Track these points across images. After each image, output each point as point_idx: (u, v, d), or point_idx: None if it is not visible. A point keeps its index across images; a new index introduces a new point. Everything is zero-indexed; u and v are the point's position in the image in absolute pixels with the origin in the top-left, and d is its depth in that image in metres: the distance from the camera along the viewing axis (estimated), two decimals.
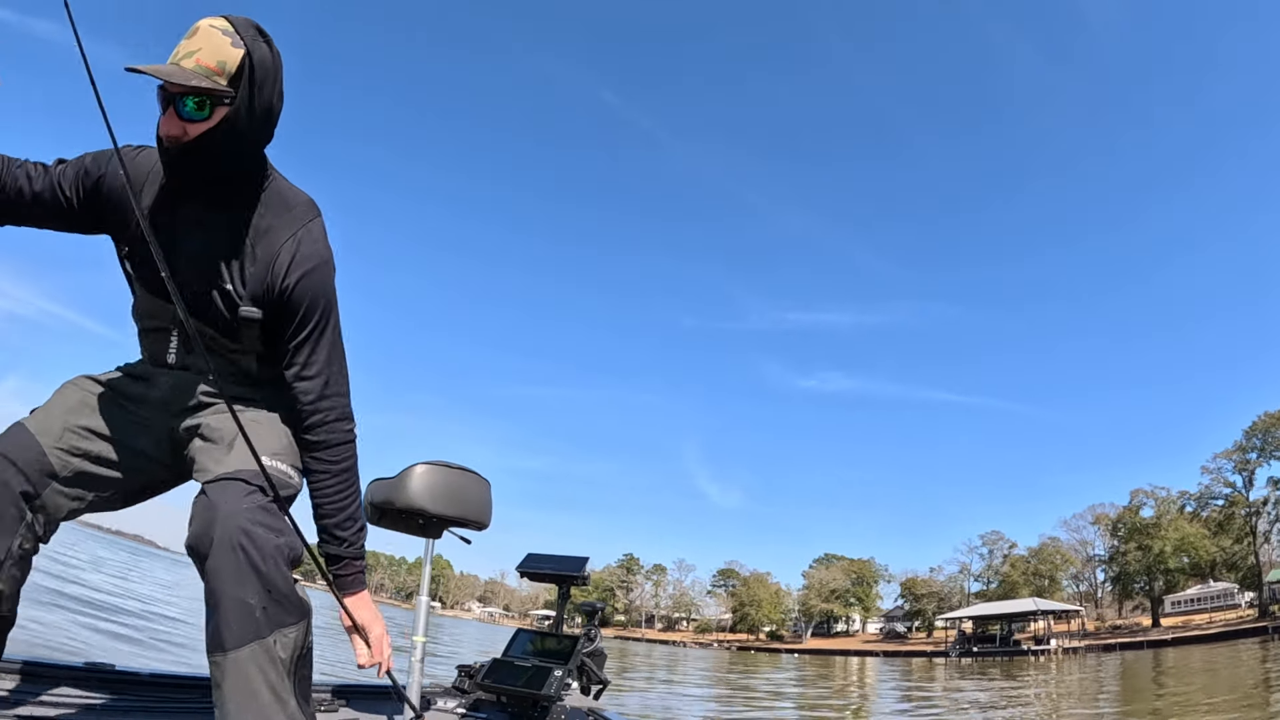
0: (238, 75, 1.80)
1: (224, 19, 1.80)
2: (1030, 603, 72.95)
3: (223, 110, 1.80)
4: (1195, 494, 79.72)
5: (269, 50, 1.86)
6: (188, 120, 1.78)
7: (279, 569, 1.79)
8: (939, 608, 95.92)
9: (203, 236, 1.96)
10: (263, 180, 2.00)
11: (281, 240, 1.98)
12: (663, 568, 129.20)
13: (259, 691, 1.75)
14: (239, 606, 1.75)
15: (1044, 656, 56.73)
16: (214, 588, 1.76)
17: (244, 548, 1.75)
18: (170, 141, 1.81)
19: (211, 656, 1.78)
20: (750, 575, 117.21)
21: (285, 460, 2.01)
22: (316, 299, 2.03)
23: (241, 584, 1.75)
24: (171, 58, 1.77)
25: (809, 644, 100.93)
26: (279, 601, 1.79)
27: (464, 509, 3.09)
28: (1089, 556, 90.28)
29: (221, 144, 1.83)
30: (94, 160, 1.98)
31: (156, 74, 1.70)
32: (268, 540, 1.78)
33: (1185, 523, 77.09)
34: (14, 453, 1.85)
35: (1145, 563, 77.23)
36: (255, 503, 1.82)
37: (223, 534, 1.76)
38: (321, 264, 2.04)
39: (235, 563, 1.75)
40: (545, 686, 3.46)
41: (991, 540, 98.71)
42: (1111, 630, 74.25)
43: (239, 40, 1.80)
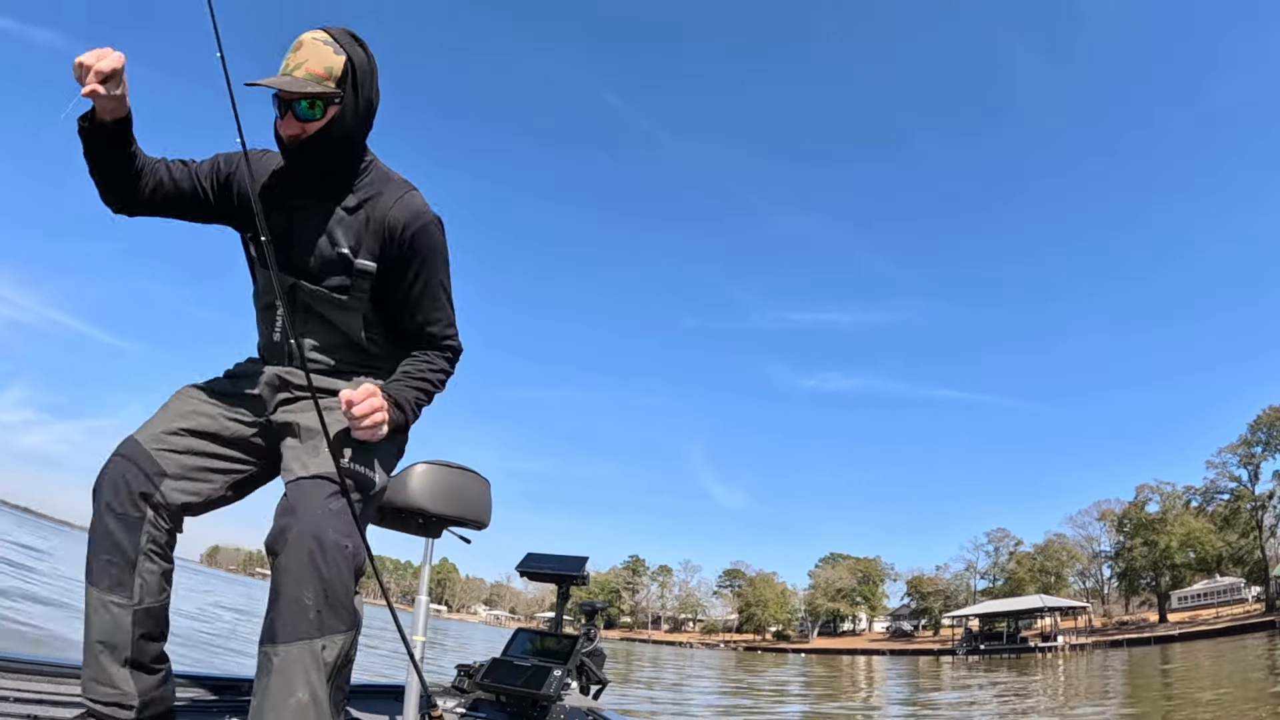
0: (342, 78, 2.11)
1: (323, 31, 2.10)
2: (1037, 600, 72.87)
3: (333, 109, 2.11)
4: (1201, 489, 79.60)
5: (365, 54, 2.17)
6: (304, 120, 2.09)
7: (340, 575, 1.94)
8: (945, 606, 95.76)
9: (317, 219, 2.25)
10: (366, 164, 2.29)
11: (390, 204, 2.25)
12: (668, 569, 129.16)
13: (298, 690, 1.87)
14: (296, 605, 1.90)
15: (1051, 653, 56.59)
16: (277, 583, 1.93)
17: (311, 551, 1.91)
18: (291, 140, 2.12)
19: (261, 647, 1.92)
20: (756, 575, 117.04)
21: (365, 463, 2.16)
22: (431, 252, 2.30)
23: (302, 584, 1.90)
24: (282, 70, 2.05)
25: (815, 643, 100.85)
26: (334, 607, 1.93)
27: (464, 508, 3.11)
28: (1095, 553, 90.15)
29: (334, 136, 2.14)
30: (225, 159, 2.31)
31: (275, 85, 2.00)
32: (335, 546, 1.93)
33: (1191, 518, 76.87)
34: (129, 452, 2.12)
35: (1151, 558, 77.08)
36: (331, 507, 1.98)
37: (295, 535, 1.93)
38: (432, 220, 2.29)
39: (300, 563, 1.91)
40: (545, 686, 3.48)
41: (997, 537, 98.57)
42: (1118, 626, 74.10)
43: (339, 48, 2.10)
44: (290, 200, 2.25)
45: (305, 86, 2.02)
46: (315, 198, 2.25)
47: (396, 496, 2.95)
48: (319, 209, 2.25)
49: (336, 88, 2.09)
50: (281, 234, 2.20)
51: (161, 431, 2.18)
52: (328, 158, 2.17)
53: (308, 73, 2.05)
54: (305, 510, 1.96)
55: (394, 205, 2.24)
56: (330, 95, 2.08)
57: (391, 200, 2.25)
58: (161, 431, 2.18)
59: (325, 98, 2.08)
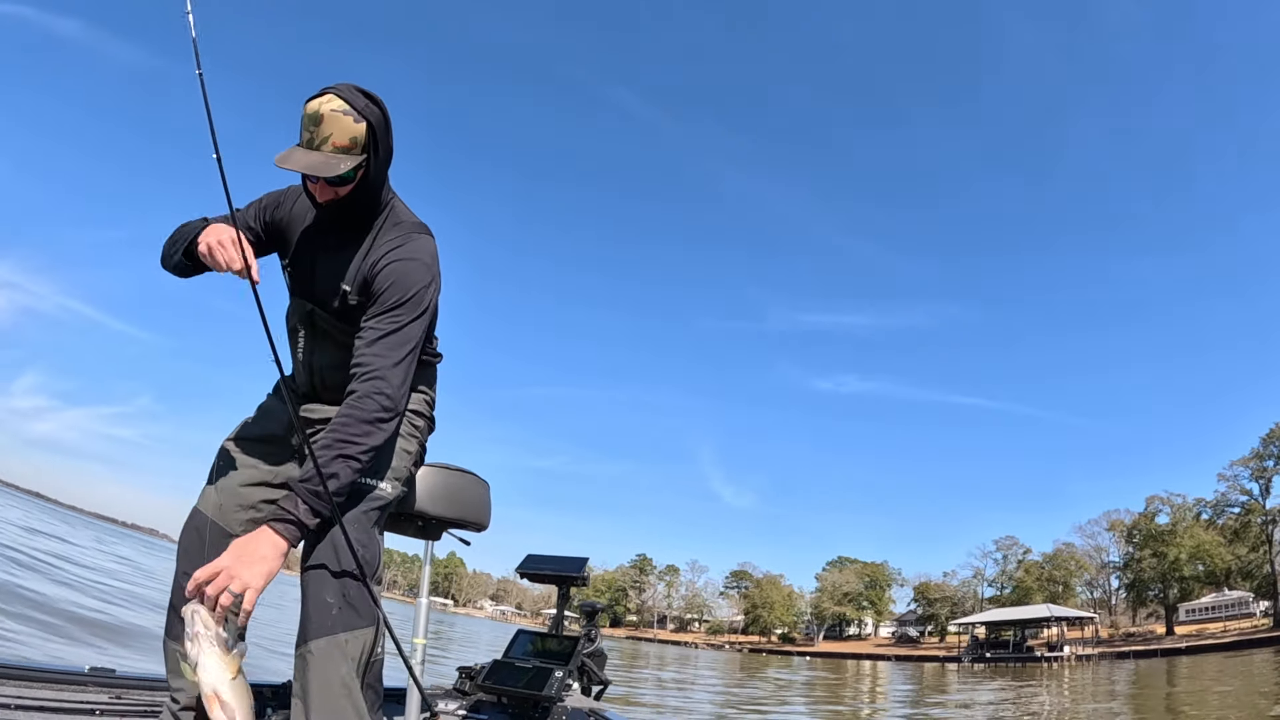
0: (366, 143, 2.21)
1: (337, 98, 2.17)
2: (1044, 609, 72.42)
3: (361, 171, 2.25)
4: (1211, 501, 78.89)
5: (379, 110, 2.25)
6: (338, 185, 2.25)
7: (354, 578, 2.17)
8: (952, 612, 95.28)
9: (335, 255, 2.42)
10: (386, 205, 2.45)
11: (385, 246, 2.38)
12: (676, 569, 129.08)
13: (330, 681, 2.11)
14: (320, 605, 2.14)
15: (1057, 663, 56.35)
16: (305, 588, 2.18)
17: (331, 557, 2.16)
18: (326, 203, 2.29)
19: (297, 650, 2.17)
20: (763, 577, 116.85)
21: (378, 476, 2.37)
22: (396, 289, 2.33)
23: (324, 585, 2.15)
24: (305, 142, 2.16)
25: (821, 647, 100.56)
26: (352, 605, 2.16)
27: (463, 510, 3.10)
28: (1103, 563, 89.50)
29: (364, 192, 2.32)
30: (270, 200, 2.55)
31: (311, 170, 2.13)
32: (350, 553, 2.14)
33: (1201, 530, 76.24)
34: (199, 524, 2.47)
35: (1160, 570, 76.55)
36: (350, 518, 2.20)
37: (321, 545, 2.17)
38: (411, 263, 2.36)
39: (323, 569, 2.16)
40: (546, 687, 3.51)
41: (1006, 545, 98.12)
42: (1125, 638, 73.58)
43: (359, 116, 2.18)
44: (319, 235, 2.47)
45: (339, 168, 2.15)
46: (338, 236, 2.43)
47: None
48: (339, 246, 2.43)
49: (362, 153, 2.22)
50: (308, 265, 2.47)
51: (223, 499, 2.49)
52: (359, 210, 2.37)
53: (334, 146, 2.16)
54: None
55: (387, 248, 2.38)
56: (360, 164, 2.23)
57: (387, 242, 2.39)
58: (223, 499, 2.49)
59: (355, 167, 2.22)
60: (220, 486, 2.52)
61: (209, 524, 2.44)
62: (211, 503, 2.49)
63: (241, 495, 2.51)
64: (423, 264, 2.38)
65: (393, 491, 2.44)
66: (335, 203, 2.31)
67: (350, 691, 2.14)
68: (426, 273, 2.39)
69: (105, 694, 2.68)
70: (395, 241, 2.39)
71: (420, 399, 2.66)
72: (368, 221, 2.42)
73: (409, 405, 2.57)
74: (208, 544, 2.36)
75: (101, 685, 2.73)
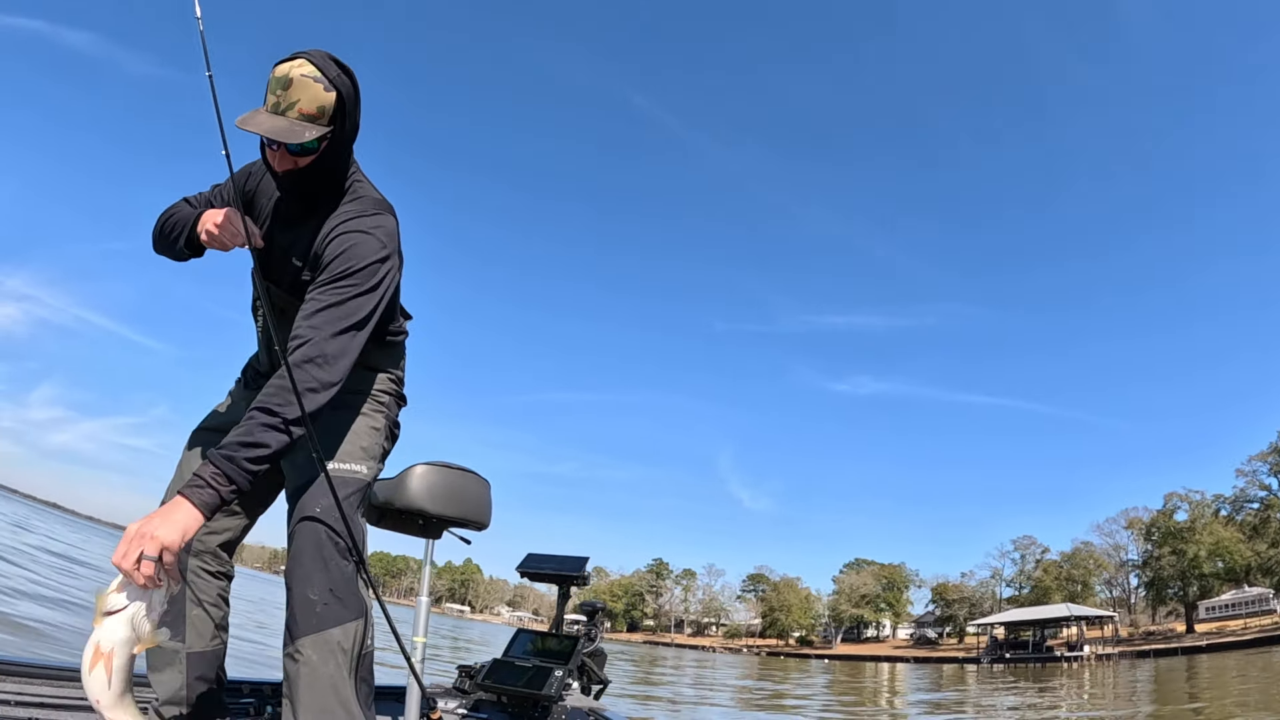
0: (334, 114, 2.13)
1: (309, 64, 2.08)
2: (1063, 608, 71.90)
3: (324, 142, 2.16)
4: (1230, 497, 78.38)
5: (350, 82, 2.18)
6: (298, 155, 2.15)
7: (338, 568, 2.16)
8: (970, 613, 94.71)
9: (291, 230, 2.36)
10: (349, 181, 2.36)
11: (338, 220, 2.28)
12: (692, 572, 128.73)
13: (319, 681, 2.09)
14: (305, 601, 2.12)
15: (1077, 663, 55.96)
16: (289, 586, 2.16)
17: (310, 551, 2.15)
18: (285, 173, 2.20)
19: (284, 650, 2.15)
20: (780, 580, 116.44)
21: (350, 459, 2.36)
22: (344, 259, 2.20)
23: (307, 582, 2.13)
24: (270, 106, 2.07)
25: (839, 649, 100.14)
26: (339, 598, 2.14)
27: (464, 509, 3.11)
28: (1122, 561, 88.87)
29: (325, 165, 2.23)
30: (238, 173, 2.40)
31: (274, 135, 2.04)
32: (330, 543, 2.15)
33: (1220, 527, 75.57)
34: None
35: (1179, 567, 75.90)
36: (326, 504, 2.17)
37: (298, 542, 2.17)
38: (364, 236, 2.24)
39: (303, 565, 2.15)
40: (546, 687, 3.52)
41: (1024, 545, 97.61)
42: (1145, 636, 73.00)
43: (329, 84, 2.09)
44: (278, 210, 2.41)
45: (303, 136, 2.05)
46: (296, 210, 2.35)
47: (397, 498, 2.97)
48: (296, 221, 2.36)
49: (328, 124, 2.12)
50: (267, 241, 2.40)
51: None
52: (318, 183, 2.26)
53: (300, 113, 2.06)
54: (301, 516, 2.19)
55: (339, 220, 2.27)
56: (325, 134, 2.12)
57: (340, 216, 2.28)
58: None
59: (319, 137, 2.12)
60: (183, 476, 2.42)
61: None
62: (173, 492, 2.31)
63: None
64: (376, 239, 2.25)
65: (368, 472, 2.40)
66: (294, 174, 2.20)
67: (339, 691, 2.10)
68: (380, 248, 2.25)
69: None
70: (349, 214, 2.28)
71: (385, 379, 2.57)
72: (327, 198, 2.31)
73: (375, 387, 2.52)
74: None
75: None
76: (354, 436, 2.40)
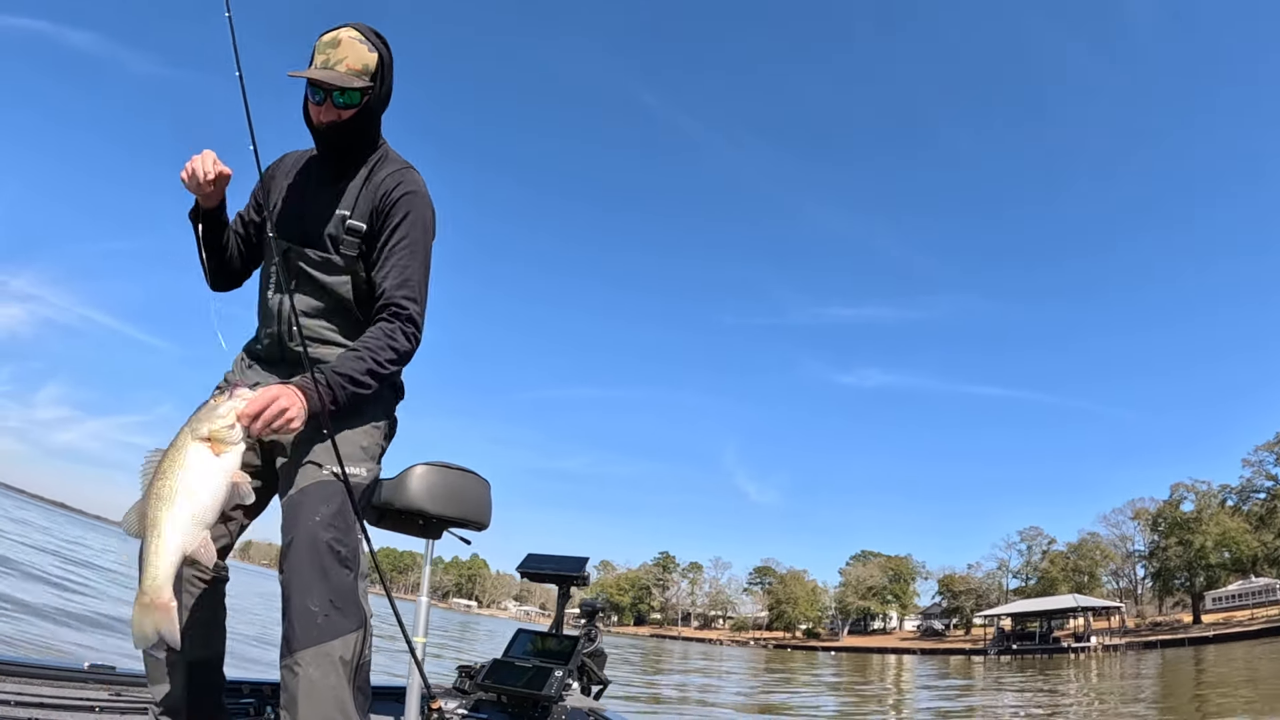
0: (375, 72, 2.38)
1: (355, 29, 2.36)
2: (1070, 599, 71.82)
3: (365, 98, 2.39)
4: (1236, 487, 78.44)
5: (389, 51, 2.45)
6: (340, 108, 2.36)
7: (340, 577, 2.13)
8: (977, 605, 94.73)
9: (330, 186, 2.50)
10: (379, 146, 2.56)
11: (386, 173, 2.49)
12: (699, 565, 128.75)
13: (320, 694, 2.06)
14: (304, 613, 2.08)
15: (1084, 654, 55.87)
16: (286, 595, 2.11)
17: (309, 560, 2.10)
18: (328, 125, 2.39)
19: (282, 661, 2.10)
20: (787, 573, 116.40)
21: (350, 461, 2.29)
22: (411, 215, 2.46)
23: (306, 592, 2.09)
24: (320, 63, 2.32)
25: (846, 641, 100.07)
26: (339, 608, 2.10)
27: (464, 509, 3.11)
28: (1129, 552, 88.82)
29: (363, 122, 2.43)
30: (256, 186, 2.61)
31: (327, 79, 2.29)
32: (330, 551, 2.12)
33: (1226, 517, 75.52)
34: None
35: (1186, 558, 75.87)
36: (327, 512, 2.16)
37: (295, 548, 2.12)
38: (421, 193, 2.51)
39: (301, 573, 2.10)
40: (546, 687, 3.51)
41: (1030, 536, 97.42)
42: (1152, 627, 72.85)
43: (372, 46, 2.38)
44: (313, 170, 2.56)
45: (350, 82, 2.32)
46: (334, 168, 2.51)
47: (396, 498, 2.95)
48: (333, 185, 2.50)
49: (370, 82, 2.38)
50: (295, 202, 2.53)
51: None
52: (355, 138, 2.45)
53: (348, 68, 2.32)
54: (299, 523, 2.15)
55: (389, 174, 2.48)
56: (367, 89, 2.37)
57: (388, 171, 2.49)
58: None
59: (362, 91, 2.36)
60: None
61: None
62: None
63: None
64: (427, 198, 2.53)
65: (368, 475, 2.37)
66: (336, 126, 2.39)
67: (342, 704, 2.07)
68: (430, 204, 2.54)
69: (105, 690, 2.69)
70: (401, 174, 2.50)
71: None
72: (363, 154, 2.51)
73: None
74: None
75: (101, 682, 2.75)
76: (354, 435, 2.37)
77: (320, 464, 2.23)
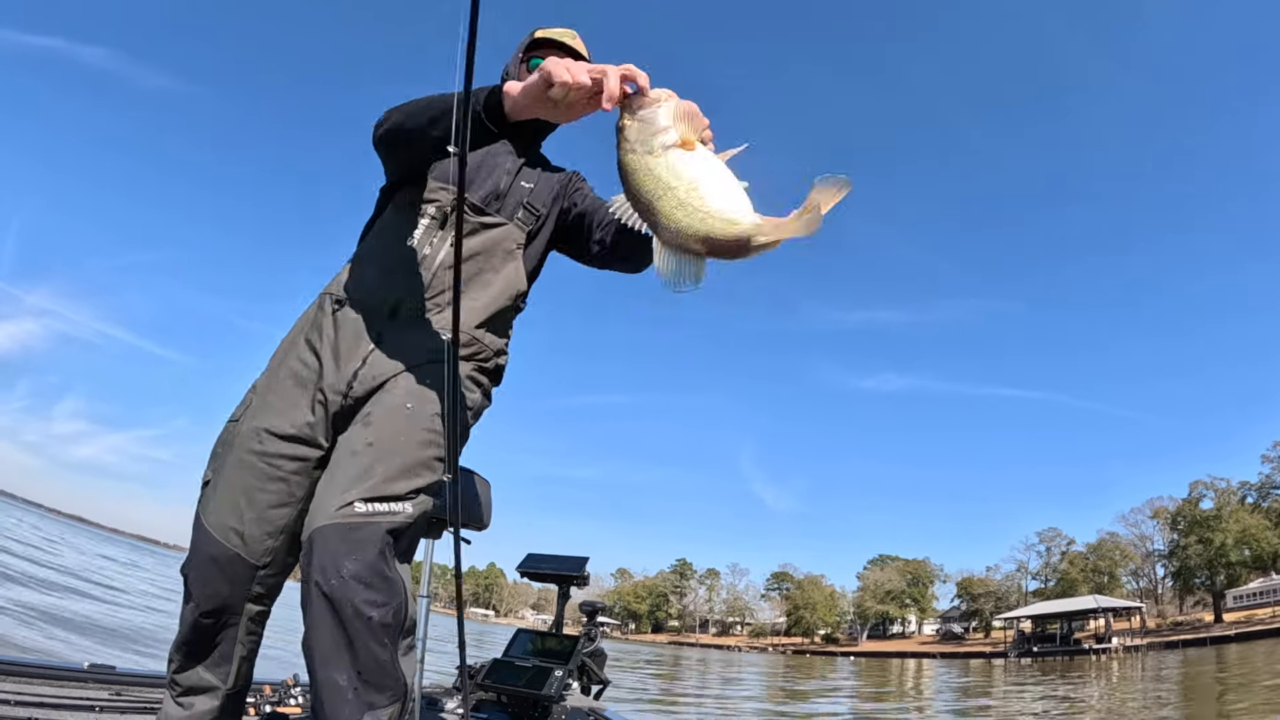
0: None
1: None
2: (1090, 600, 71.29)
3: None
4: (1256, 484, 77.69)
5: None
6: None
7: (371, 650, 1.74)
8: (996, 607, 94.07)
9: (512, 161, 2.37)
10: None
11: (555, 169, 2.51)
12: (716, 572, 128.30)
13: None
14: (332, 688, 1.72)
15: (1106, 655, 55.53)
16: (310, 664, 1.77)
17: (333, 628, 1.72)
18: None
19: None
20: (804, 578, 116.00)
21: (392, 488, 1.87)
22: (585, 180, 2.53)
23: (331, 666, 1.73)
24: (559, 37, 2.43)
25: (865, 646, 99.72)
26: (370, 683, 1.73)
27: (463, 509, 3.06)
28: (1148, 551, 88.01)
29: None
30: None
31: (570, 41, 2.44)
32: (359, 617, 1.72)
33: (1246, 514, 74.80)
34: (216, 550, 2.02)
35: (1206, 556, 75.14)
36: (363, 561, 1.74)
37: (316, 612, 1.74)
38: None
39: (325, 644, 1.73)
40: (546, 687, 3.52)
41: (1049, 537, 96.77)
42: (1173, 627, 72.36)
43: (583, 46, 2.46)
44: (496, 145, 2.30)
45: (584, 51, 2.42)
46: (516, 146, 2.37)
47: None
48: (514, 156, 2.37)
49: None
50: (474, 164, 2.26)
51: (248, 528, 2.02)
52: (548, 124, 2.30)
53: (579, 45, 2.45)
54: (323, 575, 1.74)
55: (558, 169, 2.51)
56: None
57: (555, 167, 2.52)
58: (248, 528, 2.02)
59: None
60: (243, 510, 2.00)
61: (231, 557, 1.98)
62: (229, 528, 1.98)
63: (270, 520, 2.00)
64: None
65: (414, 510, 1.90)
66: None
67: None
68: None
69: (105, 690, 2.73)
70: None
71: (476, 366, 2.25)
72: (540, 140, 2.42)
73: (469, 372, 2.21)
74: (229, 579, 1.98)
75: (101, 682, 2.79)
76: (409, 449, 1.94)
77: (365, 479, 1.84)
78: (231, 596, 1.99)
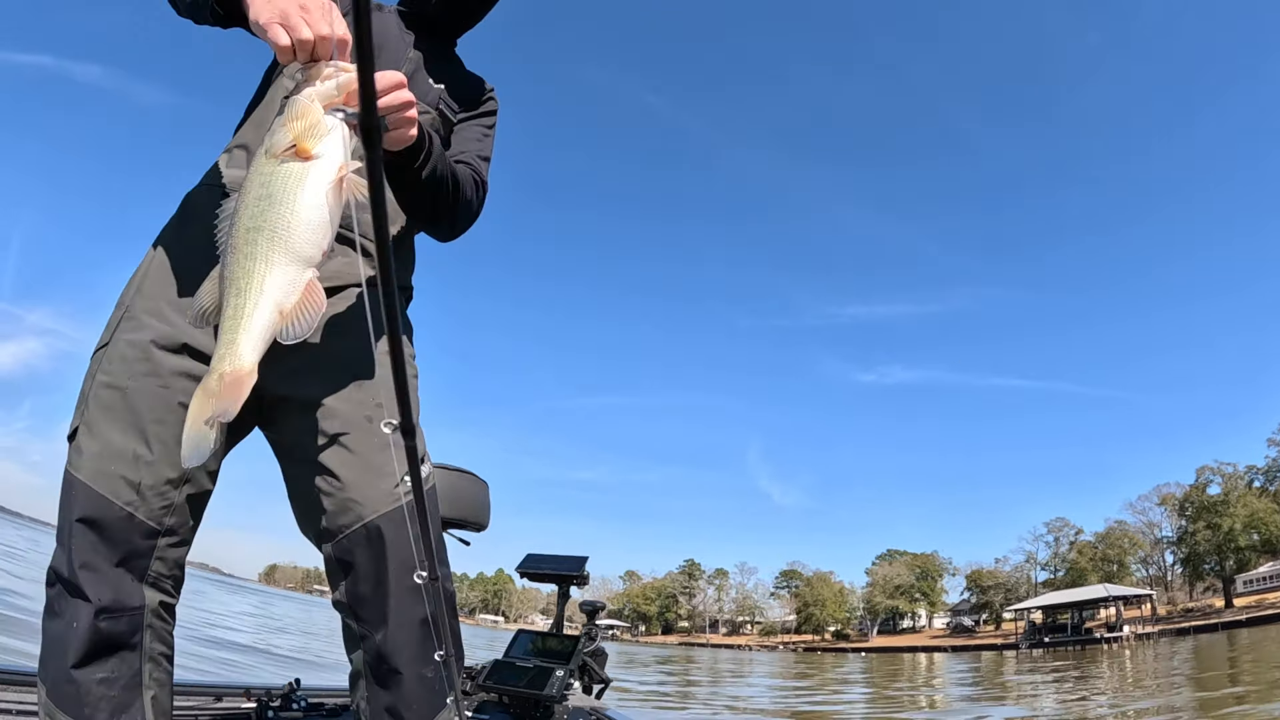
0: None
1: None
2: (1100, 589, 71.13)
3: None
4: (1263, 468, 77.89)
5: None
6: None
7: (450, 635, 1.61)
8: (1006, 599, 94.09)
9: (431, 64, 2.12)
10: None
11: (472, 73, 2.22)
12: (725, 572, 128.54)
13: None
14: (419, 683, 1.59)
15: (1117, 644, 55.43)
16: (389, 663, 1.60)
17: (419, 625, 1.59)
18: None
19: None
20: (813, 575, 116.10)
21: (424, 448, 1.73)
22: (495, 115, 2.22)
23: (419, 662, 1.59)
24: None
25: (875, 642, 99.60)
26: (447, 661, 1.60)
27: (462, 510, 3.09)
28: (1157, 539, 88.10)
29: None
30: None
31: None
32: (434, 600, 1.56)
33: (1254, 498, 74.99)
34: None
35: (1215, 542, 75.26)
36: (411, 583, 1.51)
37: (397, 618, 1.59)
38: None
39: (411, 643, 1.59)
40: (548, 687, 3.48)
41: (1057, 527, 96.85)
42: (1184, 613, 72.27)
43: None
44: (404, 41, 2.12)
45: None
46: (427, 43, 2.13)
47: None
48: (427, 52, 2.10)
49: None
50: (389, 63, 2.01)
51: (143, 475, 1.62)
52: (470, 23, 2.20)
53: None
54: (396, 577, 1.58)
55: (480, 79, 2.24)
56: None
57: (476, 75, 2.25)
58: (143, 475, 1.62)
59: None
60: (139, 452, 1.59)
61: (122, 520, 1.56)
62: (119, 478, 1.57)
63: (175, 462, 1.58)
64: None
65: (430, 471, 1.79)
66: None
67: None
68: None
69: None
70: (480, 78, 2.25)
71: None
72: (454, 37, 2.23)
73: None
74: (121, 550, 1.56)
75: None
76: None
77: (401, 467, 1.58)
78: (125, 584, 1.57)
